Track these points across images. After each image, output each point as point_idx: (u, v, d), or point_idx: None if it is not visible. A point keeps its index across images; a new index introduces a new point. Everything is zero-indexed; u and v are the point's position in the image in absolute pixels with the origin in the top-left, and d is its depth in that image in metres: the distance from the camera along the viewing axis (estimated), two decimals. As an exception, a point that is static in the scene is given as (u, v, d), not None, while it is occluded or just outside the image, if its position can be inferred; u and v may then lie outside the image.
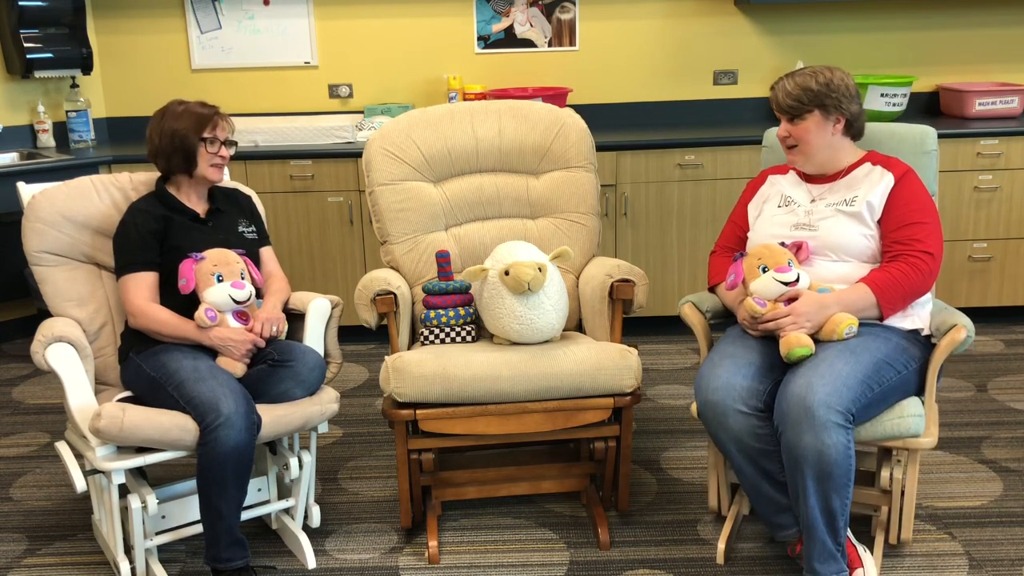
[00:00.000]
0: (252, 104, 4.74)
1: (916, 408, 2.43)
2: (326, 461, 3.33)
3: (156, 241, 2.66)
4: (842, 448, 2.28)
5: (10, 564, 2.76)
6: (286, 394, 2.59)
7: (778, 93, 2.60)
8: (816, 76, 2.56)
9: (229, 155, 2.77)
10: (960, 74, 4.73)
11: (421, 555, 2.75)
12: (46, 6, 4.36)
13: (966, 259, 4.31)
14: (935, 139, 2.78)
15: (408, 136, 3.06)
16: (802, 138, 2.59)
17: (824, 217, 2.59)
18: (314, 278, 4.32)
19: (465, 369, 2.58)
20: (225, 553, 2.51)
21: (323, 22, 4.64)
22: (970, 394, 3.74)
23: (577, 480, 2.89)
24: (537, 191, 3.13)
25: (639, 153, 4.18)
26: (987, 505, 2.92)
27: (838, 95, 2.55)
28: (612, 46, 4.68)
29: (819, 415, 2.26)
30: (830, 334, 2.43)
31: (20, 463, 3.40)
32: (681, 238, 4.29)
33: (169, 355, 2.55)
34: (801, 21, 4.65)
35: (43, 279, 2.74)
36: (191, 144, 2.69)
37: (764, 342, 2.54)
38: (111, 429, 2.35)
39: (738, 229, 2.79)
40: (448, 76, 4.61)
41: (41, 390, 4.06)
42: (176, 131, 2.68)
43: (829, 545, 2.36)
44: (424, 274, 3.03)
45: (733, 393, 2.41)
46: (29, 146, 4.53)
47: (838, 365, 2.34)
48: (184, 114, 2.70)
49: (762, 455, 2.44)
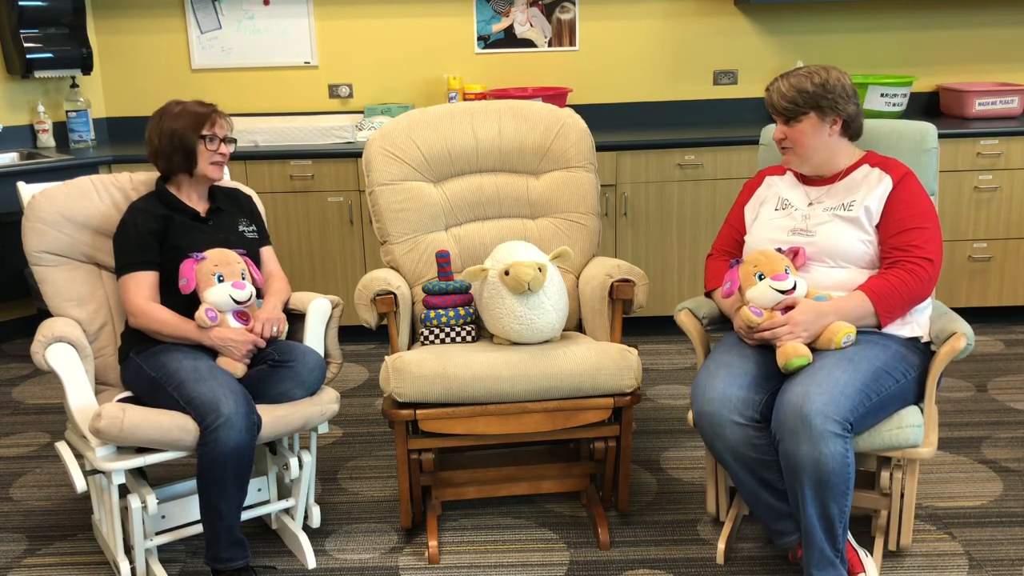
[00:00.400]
0: (252, 104, 4.74)
1: (915, 418, 2.41)
2: (326, 461, 3.33)
3: (156, 241, 2.66)
4: (840, 457, 2.26)
5: (10, 564, 2.76)
6: (286, 394, 2.59)
7: (773, 94, 2.56)
8: (811, 76, 2.52)
9: (229, 152, 2.77)
10: (960, 74, 4.73)
11: (421, 555, 2.75)
12: (46, 6, 4.36)
13: (966, 259, 4.31)
14: (935, 137, 2.75)
15: (408, 136, 3.06)
16: (798, 140, 2.56)
17: (822, 222, 2.55)
18: (314, 278, 4.32)
19: (465, 369, 2.58)
20: (225, 553, 2.51)
21: (323, 22, 4.64)
22: (970, 394, 3.74)
23: (577, 480, 2.89)
24: (537, 191, 3.13)
25: (639, 153, 4.18)
26: (987, 505, 2.92)
27: (834, 96, 2.51)
28: (612, 46, 4.68)
29: (816, 424, 2.24)
30: (828, 343, 2.41)
31: (20, 463, 3.40)
32: (681, 238, 4.29)
33: (169, 355, 2.55)
34: (801, 21, 4.65)
35: (43, 279, 2.74)
36: (190, 142, 2.69)
37: (760, 351, 2.51)
38: (111, 429, 2.35)
39: (735, 232, 2.76)
40: (448, 76, 4.61)
41: (41, 390, 4.06)
42: (175, 131, 2.68)
43: (828, 552, 2.34)
44: (424, 274, 3.03)
45: (729, 404, 2.39)
46: (29, 146, 4.53)
47: (836, 374, 2.31)
48: (182, 113, 2.71)
49: (760, 465, 2.42)
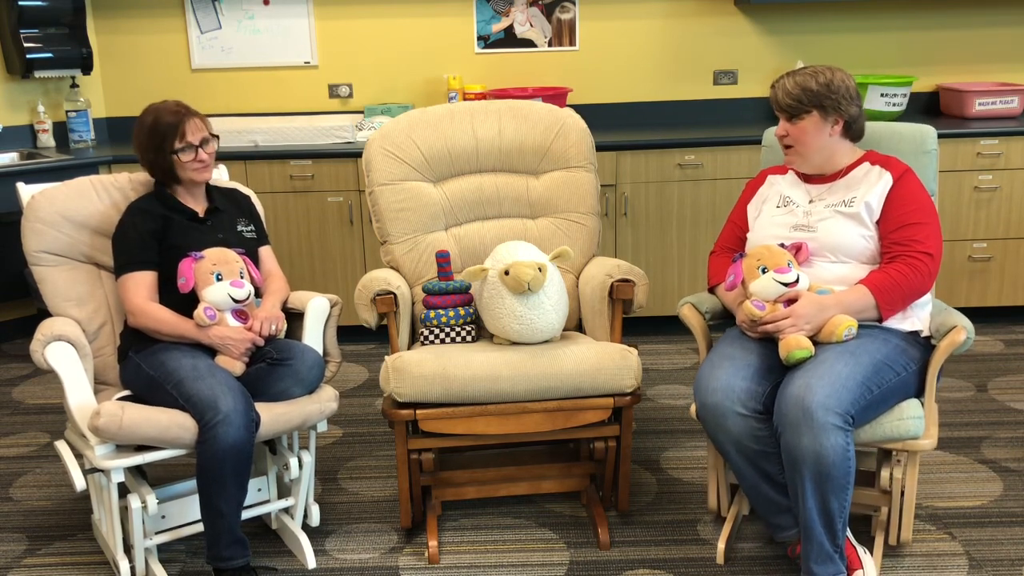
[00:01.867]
0: (252, 104, 4.74)
1: (916, 410, 2.43)
2: (326, 461, 3.33)
3: (155, 240, 2.66)
4: (840, 450, 2.27)
5: (10, 564, 2.76)
6: (285, 392, 2.59)
7: (778, 92, 2.59)
8: (817, 76, 2.55)
9: (211, 153, 2.72)
10: (960, 74, 4.73)
11: (421, 555, 2.75)
12: (46, 6, 4.36)
13: (966, 259, 4.31)
14: (935, 138, 2.77)
15: (408, 136, 3.06)
16: (799, 138, 2.59)
17: (823, 218, 2.58)
18: (314, 278, 4.32)
19: (465, 369, 2.58)
20: (226, 552, 2.51)
21: (323, 22, 4.64)
22: (970, 394, 3.74)
23: (577, 480, 2.89)
24: (537, 191, 3.13)
25: (639, 153, 4.18)
26: (987, 505, 2.92)
27: (838, 96, 2.54)
28: (612, 46, 4.68)
29: (818, 417, 2.26)
30: (829, 336, 2.42)
31: (20, 463, 3.40)
32: (681, 238, 4.29)
33: (168, 354, 2.55)
34: (801, 21, 4.65)
35: (42, 279, 2.74)
36: (165, 161, 2.68)
37: (763, 343, 2.53)
38: (110, 427, 2.35)
39: (737, 229, 2.79)
40: (448, 76, 4.61)
41: (41, 390, 4.06)
42: (147, 150, 2.69)
43: (827, 547, 2.35)
44: (424, 274, 3.03)
45: (732, 395, 2.41)
46: (29, 146, 4.53)
47: (837, 367, 2.33)
48: (152, 130, 2.67)
49: (761, 457, 2.44)
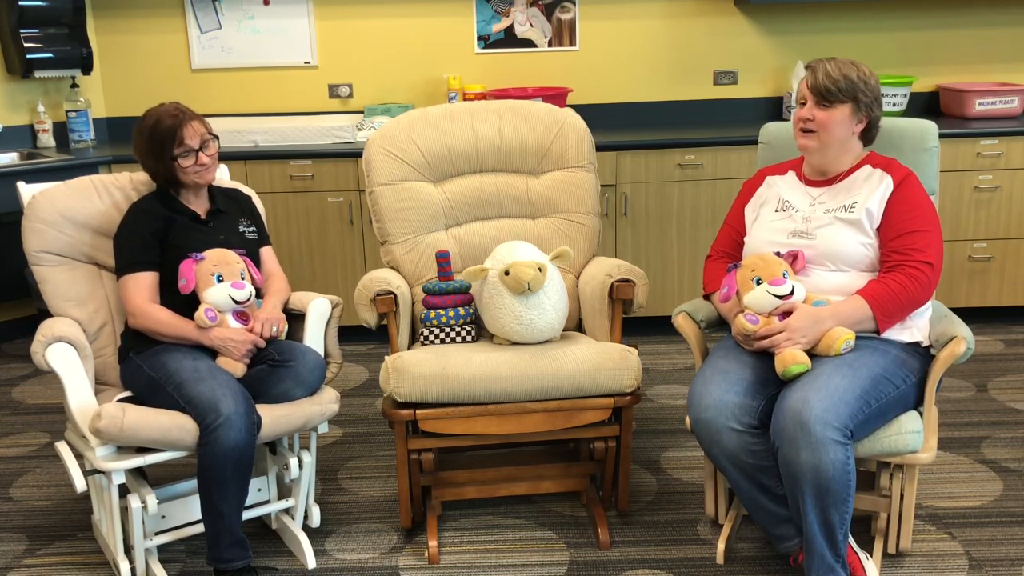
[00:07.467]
0: (252, 104, 4.74)
1: (914, 424, 2.39)
2: (326, 461, 3.33)
3: (156, 241, 2.66)
4: (840, 465, 2.24)
5: (10, 564, 2.76)
6: (286, 394, 2.59)
7: (818, 72, 2.50)
8: (859, 68, 2.51)
9: (212, 154, 2.71)
10: (960, 74, 4.73)
11: (421, 555, 2.75)
12: (46, 6, 4.36)
13: (966, 259, 4.31)
14: (936, 136, 2.73)
15: (408, 136, 3.06)
16: (826, 125, 2.50)
17: (822, 225, 2.53)
18: (314, 278, 4.32)
19: (465, 369, 2.58)
20: (227, 553, 2.51)
21: (323, 22, 4.64)
22: (970, 394, 3.74)
23: (577, 480, 2.89)
24: (537, 191, 3.13)
25: (639, 153, 4.18)
26: (987, 505, 2.92)
27: (870, 97, 2.51)
28: (612, 46, 4.68)
29: (816, 432, 2.22)
30: (827, 349, 2.38)
31: (20, 463, 3.40)
32: (681, 238, 4.29)
33: (169, 355, 2.55)
34: (801, 21, 4.65)
35: (43, 279, 2.74)
36: (166, 168, 2.68)
37: (757, 356, 2.49)
38: (111, 429, 2.35)
39: (734, 233, 2.74)
40: (448, 76, 4.61)
41: (41, 390, 4.06)
42: (147, 156, 2.69)
43: (828, 558, 2.33)
44: (424, 274, 3.03)
45: (725, 411, 2.38)
46: (29, 146, 4.53)
47: (835, 380, 2.29)
48: (151, 138, 2.66)
49: (758, 471, 2.41)
